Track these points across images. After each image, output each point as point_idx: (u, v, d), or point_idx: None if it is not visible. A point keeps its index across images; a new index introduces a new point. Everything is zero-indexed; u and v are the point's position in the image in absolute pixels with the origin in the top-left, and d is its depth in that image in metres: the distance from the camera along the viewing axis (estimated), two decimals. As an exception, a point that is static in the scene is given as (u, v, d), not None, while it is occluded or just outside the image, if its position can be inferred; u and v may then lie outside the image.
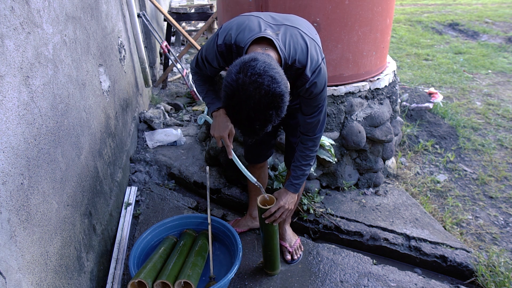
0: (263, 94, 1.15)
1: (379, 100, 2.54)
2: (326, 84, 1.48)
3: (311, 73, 1.40)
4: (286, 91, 1.19)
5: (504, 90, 4.38)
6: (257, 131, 1.24)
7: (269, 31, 1.39)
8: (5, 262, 1.06)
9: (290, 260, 2.07)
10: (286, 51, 1.37)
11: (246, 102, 1.16)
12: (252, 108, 1.17)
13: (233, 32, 1.42)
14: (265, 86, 1.15)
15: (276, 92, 1.16)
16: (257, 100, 1.16)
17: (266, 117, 1.19)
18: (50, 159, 1.40)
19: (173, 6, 4.44)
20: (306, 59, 1.39)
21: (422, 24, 6.86)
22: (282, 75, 1.21)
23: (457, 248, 2.15)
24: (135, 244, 1.87)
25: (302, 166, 1.70)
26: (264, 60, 1.19)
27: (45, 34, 1.43)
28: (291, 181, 1.73)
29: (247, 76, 1.15)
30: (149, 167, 2.79)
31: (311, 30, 1.53)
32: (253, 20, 1.44)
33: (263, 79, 1.15)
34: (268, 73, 1.16)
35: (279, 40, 1.37)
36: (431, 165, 3.12)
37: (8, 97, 1.15)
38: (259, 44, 1.36)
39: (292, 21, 1.48)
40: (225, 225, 2.00)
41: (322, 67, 1.43)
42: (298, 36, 1.41)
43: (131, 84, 3.01)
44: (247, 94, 1.16)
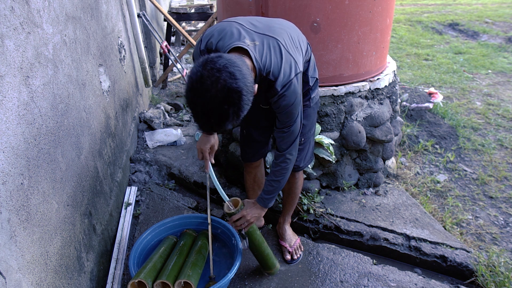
0: (219, 89, 1.16)
1: (379, 100, 2.54)
2: (296, 100, 1.48)
3: (281, 87, 1.42)
4: (244, 88, 1.19)
5: (504, 90, 4.38)
6: (212, 125, 1.24)
7: (248, 41, 1.41)
8: (5, 262, 1.06)
9: (290, 260, 2.06)
10: (261, 62, 1.39)
11: (203, 95, 1.18)
12: (207, 102, 1.18)
13: (214, 39, 1.45)
14: (222, 80, 1.16)
15: (232, 87, 1.17)
16: (213, 94, 1.17)
17: (222, 113, 1.20)
18: (50, 159, 1.40)
19: (173, 6, 4.44)
20: (279, 72, 1.41)
21: (422, 24, 6.86)
22: (245, 74, 1.22)
23: (457, 248, 2.15)
24: (135, 244, 1.87)
25: (272, 182, 1.70)
26: (229, 58, 1.21)
27: (45, 34, 1.43)
28: (262, 195, 1.74)
29: (206, 70, 1.17)
30: (149, 167, 2.79)
31: (294, 40, 1.52)
32: (234, 27, 1.46)
33: (220, 74, 1.16)
34: (227, 69, 1.17)
35: (255, 50, 1.39)
36: (431, 165, 3.12)
37: (8, 97, 1.15)
38: (237, 52, 1.39)
39: (275, 30, 1.49)
40: (225, 225, 2.00)
41: (294, 82, 1.43)
42: (276, 48, 1.42)
43: (131, 84, 3.01)
44: (204, 87, 1.17)
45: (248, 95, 1.22)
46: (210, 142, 1.70)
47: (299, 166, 1.92)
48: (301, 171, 2.00)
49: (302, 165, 1.93)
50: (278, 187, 1.72)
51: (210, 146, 1.71)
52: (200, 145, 1.71)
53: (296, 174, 1.98)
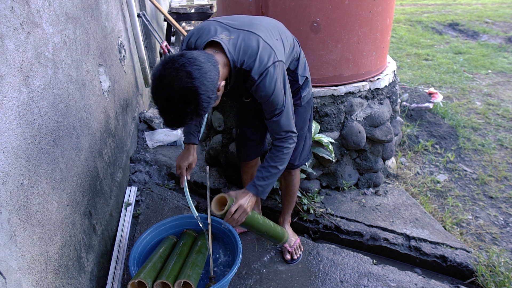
0: (175, 88, 1.20)
1: (379, 100, 2.54)
2: (277, 88, 1.47)
3: (257, 75, 1.42)
4: (200, 87, 1.21)
5: (504, 90, 4.38)
6: (173, 121, 1.29)
7: (223, 35, 1.44)
8: (5, 262, 1.06)
9: (289, 260, 2.07)
10: (235, 54, 1.41)
11: (161, 93, 1.24)
12: (165, 100, 1.24)
13: (193, 38, 1.50)
14: (178, 79, 1.20)
15: (187, 86, 1.20)
16: (170, 92, 1.21)
17: (179, 110, 1.24)
18: (50, 159, 1.40)
19: (173, 6, 4.44)
20: (254, 62, 1.42)
21: (422, 24, 6.86)
22: (205, 71, 1.23)
23: (457, 248, 2.15)
24: (135, 244, 1.87)
25: (269, 167, 1.61)
26: (191, 57, 1.23)
27: (45, 34, 1.43)
28: (254, 182, 1.63)
29: (165, 69, 1.22)
30: (149, 167, 2.79)
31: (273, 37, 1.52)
32: (212, 25, 1.50)
33: (177, 73, 1.20)
34: (185, 68, 1.20)
35: (229, 43, 1.42)
36: (431, 165, 3.12)
37: (8, 97, 1.15)
38: (212, 47, 1.42)
39: (253, 26, 1.50)
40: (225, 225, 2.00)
41: (270, 70, 1.43)
42: (251, 40, 1.44)
43: (131, 84, 3.01)
44: (162, 86, 1.22)
45: (206, 92, 1.24)
46: (189, 160, 1.79)
47: (294, 164, 1.92)
48: (297, 169, 2.00)
49: (297, 163, 1.94)
50: (274, 174, 1.62)
51: (188, 163, 1.79)
52: (179, 162, 1.79)
53: (292, 172, 1.99)
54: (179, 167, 1.80)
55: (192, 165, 1.81)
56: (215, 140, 2.72)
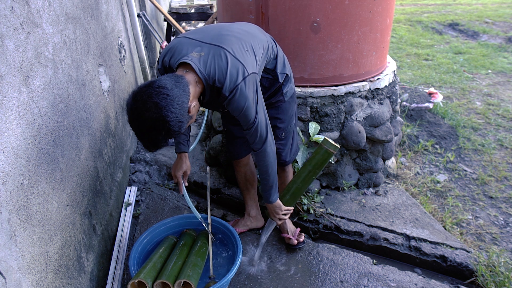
0: (144, 119, 1.28)
1: (379, 100, 2.54)
2: (248, 103, 1.51)
3: (228, 92, 1.46)
4: (168, 115, 1.28)
5: (504, 90, 4.38)
6: (149, 146, 1.37)
7: (194, 53, 1.48)
8: (5, 262, 1.06)
9: (296, 244, 2.11)
10: (206, 72, 1.45)
11: (134, 123, 1.33)
12: (137, 128, 1.33)
13: (167, 57, 1.54)
14: (146, 111, 1.27)
15: (155, 117, 1.27)
16: (141, 123, 1.31)
17: (151, 138, 1.33)
18: (50, 159, 1.40)
19: (173, 6, 4.44)
20: (225, 79, 1.45)
21: (422, 24, 6.86)
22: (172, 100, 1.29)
23: (457, 248, 2.15)
24: (135, 244, 1.87)
25: (262, 178, 1.77)
26: (158, 85, 1.29)
27: (45, 34, 1.43)
28: (263, 194, 1.84)
29: (134, 101, 1.30)
30: (149, 167, 2.79)
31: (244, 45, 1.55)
32: (183, 43, 1.54)
33: (145, 105, 1.28)
34: (152, 99, 1.27)
35: (200, 62, 1.45)
36: (431, 165, 3.12)
37: (8, 97, 1.15)
38: (184, 67, 1.47)
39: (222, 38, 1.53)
40: (225, 225, 2.00)
41: (241, 87, 1.47)
42: (221, 57, 1.47)
43: (131, 84, 3.01)
44: (133, 117, 1.32)
45: (176, 118, 1.30)
46: (183, 169, 1.86)
47: (285, 160, 1.99)
48: (289, 165, 2.07)
49: (288, 159, 1.99)
50: (271, 179, 1.76)
51: (182, 172, 1.87)
52: (174, 172, 1.86)
53: (286, 168, 2.05)
54: (175, 176, 1.87)
55: (187, 172, 1.89)
56: (215, 140, 2.72)
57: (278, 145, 1.91)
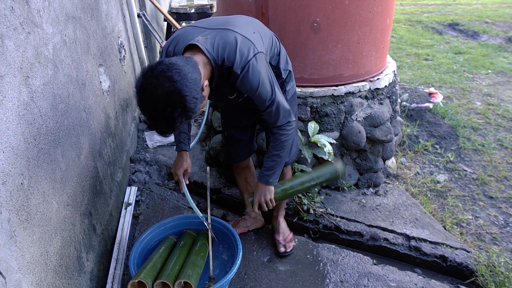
0: (159, 94, 1.21)
1: (379, 100, 2.54)
2: (262, 79, 1.46)
3: (240, 69, 1.42)
4: (183, 89, 1.22)
5: (504, 90, 4.38)
6: (163, 128, 1.30)
7: (200, 37, 1.45)
8: (5, 262, 1.06)
9: (283, 252, 2.08)
10: (214, 52, 1.41)
11: (146, 102, 1.25)
12: (151, 108, 1.25)
13: (171, 47, 1.51)
14: (160, 86, 1.21)
15: (171, 91, 1.21)
16: (155, 100, 1.23)
17: (167, 116, 1.25)
18: (50, 159, 1.40)
19: (173, 6, 4.44)
20: (235, 56, 1.41)
21: (422, 24, 6.86)
22: (185, 73, 1.24)
23: (457, 248, 2.15)
24: (135, 244, 1.87)
25: (272, 156, 1.70)
26: (169, 62, 1.25)
27: (45, 34, 1.43)
28: (262, 172, 1.75)
29: (145, 78, 1.24)
30: (149, 167, 2.79)
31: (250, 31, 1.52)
32: (187, 31, 1.51)
33: (158, 80, 1.21)
34: (165, 74, 1.22)
35: (206, 43, 1.42)
36: (431, 165, 3.12)
37: (8, 97, 1.15)
38: (190, 50, 1.43)
39: (228, 23, 1.51)
40: (225, 225, 2.00)
41: (253, 62, 1.43)
42: (228, 36, 1.44)
43: (131, 84, 3.01)
44: (146, 95, 1.24)
45: (191, 93, 1.25)
46: (184, 167, 1.84)
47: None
48: (288, 166, 2.06)
49: (288, 160, 1.97)
50: (280, 162, 1.71)
51: (183, 170, 1.84)
52: (174, 170, 1.84)
53: (284, 169, 2.03)
54: (175, 174, 1.85)
55: (188, 170, 1.86)
56: (215, 140, 2.72)
57: None
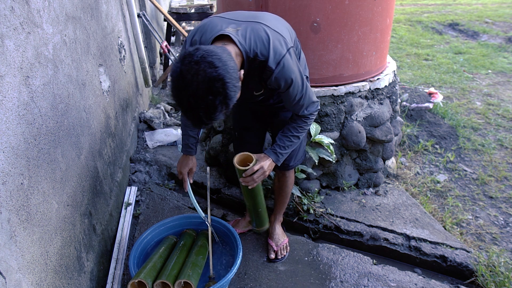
0: (200, 80, 1.15)
1: (379, 100, 2.54)
2: (296, 75, 1.45)
3: (275, 64, 1.39)
4: (226, 75, 1.17)
5: (504, 90, 4.38)
6: (202, 119, 1.23)
7: (230, 29, 1.40)
8: (5, 262, 1.06)
9: (273, 259, 2.07)
10: (246, 45, 1.37)
11: (186, 89, 1.17)
12: (191, 95, 1.17)
13: (197, 36, 1.46)
14: (201, 71, 1.15)
15: (213, 76, 1.15)
16: (195, 87, 1.16)
17: (208, 104, 1.18)
18: (50, 159, 1.40)
19: (173, 6, 4.44)
20: (268, 51, 1.38)
21: (422, 24, 6.86)
22: (225, 60, 1.19)
23: (457, 248, 2.15)
24: (135, 244, 1.87)
25: (291, 136, 1.64)
26: (206, 49, 1.19)
27: (45, 34, 1.43)
28: (275, 149, 1.65)
29: (184, 65, 1.17)
30: (149, 167, 2.79)
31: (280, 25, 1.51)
32: (215, 21, 1.47)
33: (199, 66, 1.15)
34: (206, 59, 1.16)
35: (238, 34, 1.38)
36: (431, 165, 3.12)
37: (8, 97, 1.15)
38: (221, 41, 1.38)
39: (258, 17, 1.48)
40: (225, 225, 2.00)
41: (287, 58, 1.41)
42: (260, 30, 1.41)
43: (131, 84, 3.01)
44: (185, 82, 1.16)
45: (232, 81, 1.20)
46: (189, 166, 1.81)
47: (288, 165, 1.92)
48: (291, 170, 2.01)
49: (292, 164, 1.94)
50: (295, 143, 1.66)
51: (188, 168, 1.82)
52: (180, 168, 1.82)
53: (287, 173, 1.99)
54: (180, 173, 1.82)
55: (193, 169, 1.84)
56: (215, 140, 2.72)
57: None
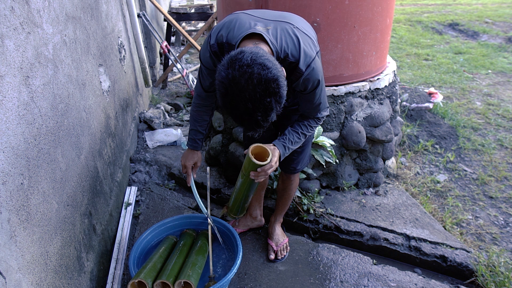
0: (256, 83, 1.13)
1: (379, 100, 2.54)
2: (322, 79, 1.46)
3: (305, 67, 1.38)
4: (279, 75, 1.16)
5: (504, 90, 4.38)
6: (260, 122, 1.20)
7: (259, 27, 1.38)
8: (5, 262, 1.06)
9: (273, 259, 2.06)
10: (278, 45, 1.36)
11: (241, 95, 1.14)
12: (248, 100, 1.14)
13: (223, 31, 1.42)
14: (256, 74, 1.12)
15: (269, 78, 1.13)
16: (252, 91, 1.13)
17: (266, 106, 1.16)
18: (50, 159, 1.40)
19: (173, 6, 4.44)
20: (299, 53, 1.37)
21: (422, 24, 6.86)
22: (273, 60, 1.18)
23: (457, 248, 2.15)
24: (135, 244, 1.87)
25: (301, 133, 1.62)
26: (251, 51, 1.17)
27: (45, 34, 1.43)
28: (285, 142, 1.61)
29: (235, 70, 1.13)
30: (149, 167, 2.79)
31: (307, 27, 1.51)
32: (242, 18, 1.43)
33: (252, 69, 1.12)
34: (256, 61, 1.13)
35: (269, 34, 1.36)
36: (431, 165, 3.12)
37: (8, 97, 1.15)
38: (250, 40, 1.35)
39: (285, 17, 1.47)
40: (225, 225, 2.00)
41: (316, 61, 1.41)
42: (290, 30, 1.39)
43: (131, 84, 3.01)
44: (239, 87, 1.13)
45: (283, 80, 1.18)
46: (194, 159, 1.78)
47: (295, 168, 1.90)
48: (297, 174, 1.99)
49: (298, 167, 1.92)
50: (300, 142, 1.65)
51: (193, 162, 1.78)
52: (184, 162, 1.78)
53: (292, 177, 1.97)
54: (184, 167, 1.79)
55: (198, 164, 1.81)
56: (215, 140, 2.72)
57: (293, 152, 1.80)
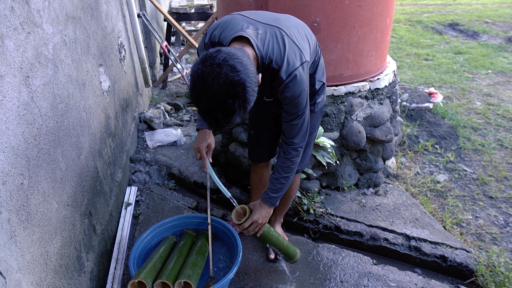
0: (221, 83, 1.14)
1: (379, 100, 2.54)
2: (303, 91, 1.45)
3: (286, 75, 1.39)
4: (247, 80, 1.17)
5: (504, 90, 4.38)
6: (220, 121, 1.22)
7: (250, 30, 1.40)
8: (5, 262, 1.06)
9: (273, 259, 2.07)
10: (263, 50, 1.37)
11: (205, 92, 1.17)
12: (211, 98, 1.17)
13: (217, 31, 1.45)
14: (223, 74, 1.14)
15: (235, 80, 1.15)
16: (216, 90, 1.15)
17: (227, 107, 1.18)
18: (50, 159, 1.40)
19: (173, 6, 4.44)
20: (283, 61, 1.38)
21: (422, 24, 6.86)
22: (246, 64, 1.19)
23: (457, 248, 2.15)
24: (135, 244, 1.87)
25: (281, 178, 1.65)
26: (228, 52, 1.19)
27: (45, 34, 1.43)
28: (268, 194, 1.69)
29: (206, 67, 1.16)
30: (149, 167, 2.79)
31: (299, 34, 1.50)
32: (237, 19, 1.46)
33: (221, 69, 1.14)
34: (228, 62, 1.15)
35: (257, 38, 1.37)
36: (431, 165, 3.12)
37: (8, 97, 1.15)
38: (239, 42, 1.38)
39: (280, 21, 1.47)
40: (225, 225, 2.00)
41: (299, 72, 1.40)
42: (279, 37, 1.40)
43: (131, 84, 3.01)
44: (206, 84, 1.16)
45: (252, 85, 1.20)
46: (207, 141, 1.69)
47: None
48: (297, 174, 2.01)
49: (299, 168, 1.92)
50: (286, 184, 1.68)
51: (207, 144, 1.70)
52: (197, 144, 1.69)
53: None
54: (198, 150, 1.70)
55: (212, 145, 1.72)
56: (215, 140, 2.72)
57: None
